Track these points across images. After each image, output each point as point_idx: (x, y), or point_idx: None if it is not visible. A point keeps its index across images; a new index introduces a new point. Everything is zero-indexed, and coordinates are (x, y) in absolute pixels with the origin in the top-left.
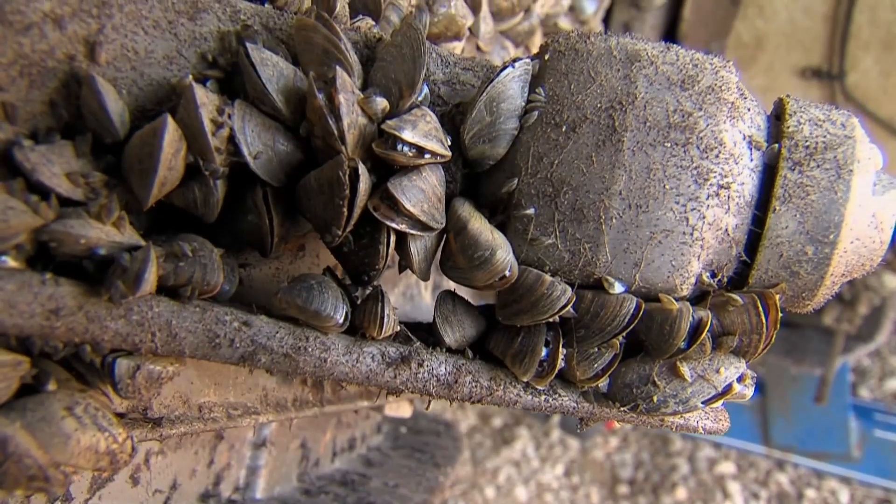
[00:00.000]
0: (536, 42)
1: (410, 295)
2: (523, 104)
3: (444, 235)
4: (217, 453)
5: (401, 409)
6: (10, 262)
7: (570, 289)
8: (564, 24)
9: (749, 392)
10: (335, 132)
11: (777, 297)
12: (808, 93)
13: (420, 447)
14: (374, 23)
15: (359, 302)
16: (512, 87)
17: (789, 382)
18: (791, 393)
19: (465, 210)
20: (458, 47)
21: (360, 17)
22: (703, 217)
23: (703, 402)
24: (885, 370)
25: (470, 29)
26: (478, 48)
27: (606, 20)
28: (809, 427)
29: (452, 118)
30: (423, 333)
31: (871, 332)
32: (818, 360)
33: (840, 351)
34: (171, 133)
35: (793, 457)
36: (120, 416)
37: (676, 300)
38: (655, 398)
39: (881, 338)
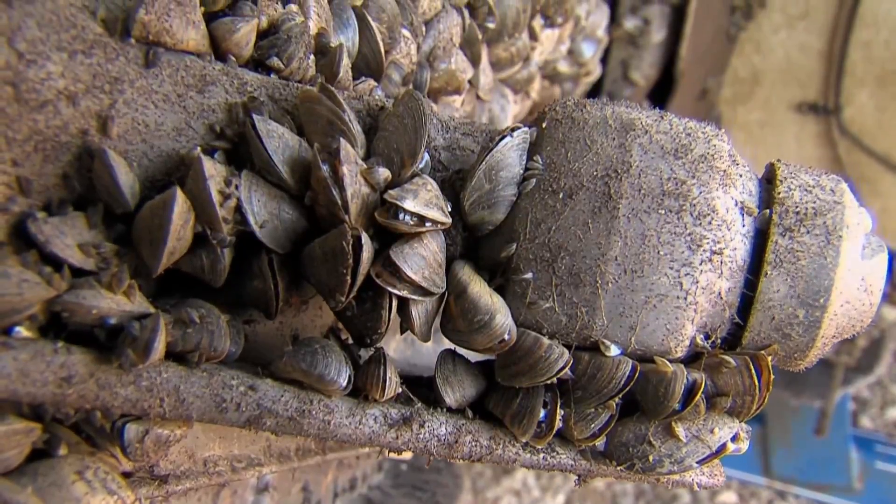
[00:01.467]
0: (536, 88)
1: (411, 340)
2: (521, 172)
3: (445, 297)
4: (220, 499)
5: None
6: (24, 333)
7: (567, 351)
8: (563, 67)
9: (744, 448)
10: (339, 202)
11: (769, 358)
12: (804, 127)
13: (421, 485)
14: (376, 84)
15: (361, 362)
16: (510, 155)
17: (790, 413)
18: (792, 424)
19: (465, 274)
20: (458, 100)
21: (363, 78)
22: (697, 282)
23: (697, 462)
24: (886, 399)
25: (470, 81)
26: (478, 97)
27: (604, 59)
28: (810, 458)
29: (453, 184)
30: (424, 391)
31: (871, 364)
32: (818, 393)
33: (839, 383)
34: (181, 205)
35: (794, 488)
36: (127, 474)
37: (671, 362)
38: (651, 458)
39: (880, 370)
